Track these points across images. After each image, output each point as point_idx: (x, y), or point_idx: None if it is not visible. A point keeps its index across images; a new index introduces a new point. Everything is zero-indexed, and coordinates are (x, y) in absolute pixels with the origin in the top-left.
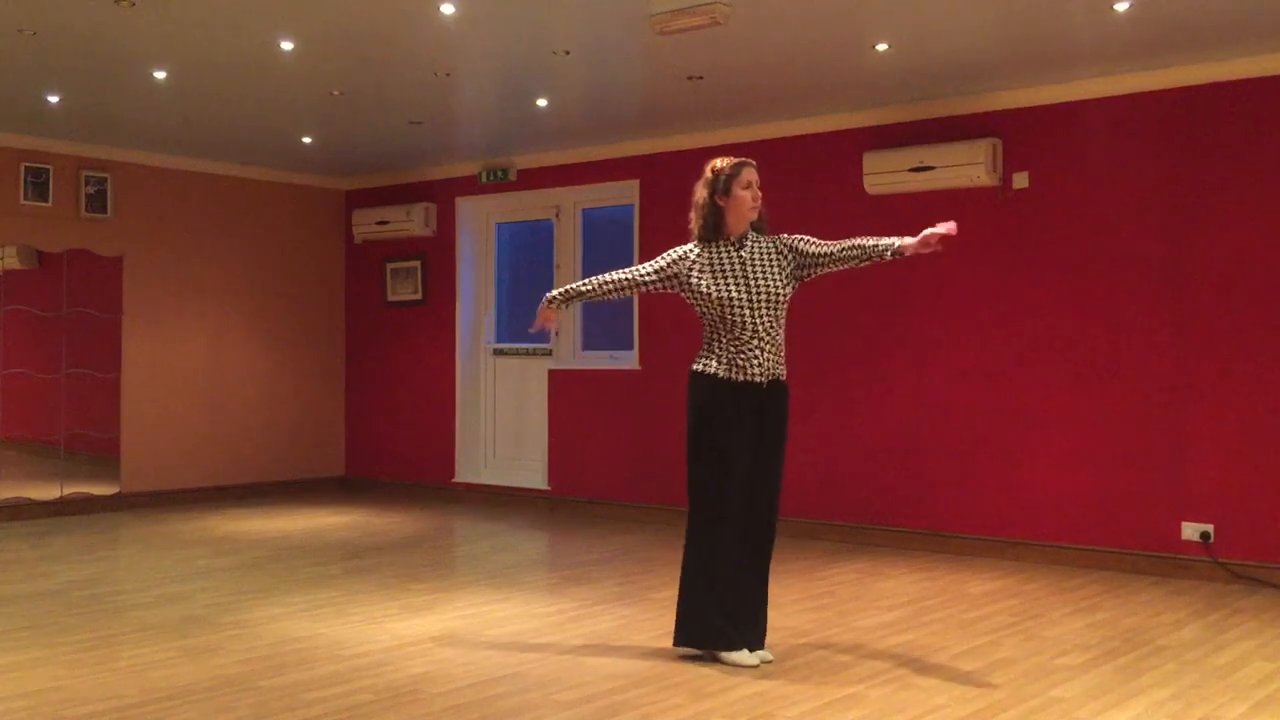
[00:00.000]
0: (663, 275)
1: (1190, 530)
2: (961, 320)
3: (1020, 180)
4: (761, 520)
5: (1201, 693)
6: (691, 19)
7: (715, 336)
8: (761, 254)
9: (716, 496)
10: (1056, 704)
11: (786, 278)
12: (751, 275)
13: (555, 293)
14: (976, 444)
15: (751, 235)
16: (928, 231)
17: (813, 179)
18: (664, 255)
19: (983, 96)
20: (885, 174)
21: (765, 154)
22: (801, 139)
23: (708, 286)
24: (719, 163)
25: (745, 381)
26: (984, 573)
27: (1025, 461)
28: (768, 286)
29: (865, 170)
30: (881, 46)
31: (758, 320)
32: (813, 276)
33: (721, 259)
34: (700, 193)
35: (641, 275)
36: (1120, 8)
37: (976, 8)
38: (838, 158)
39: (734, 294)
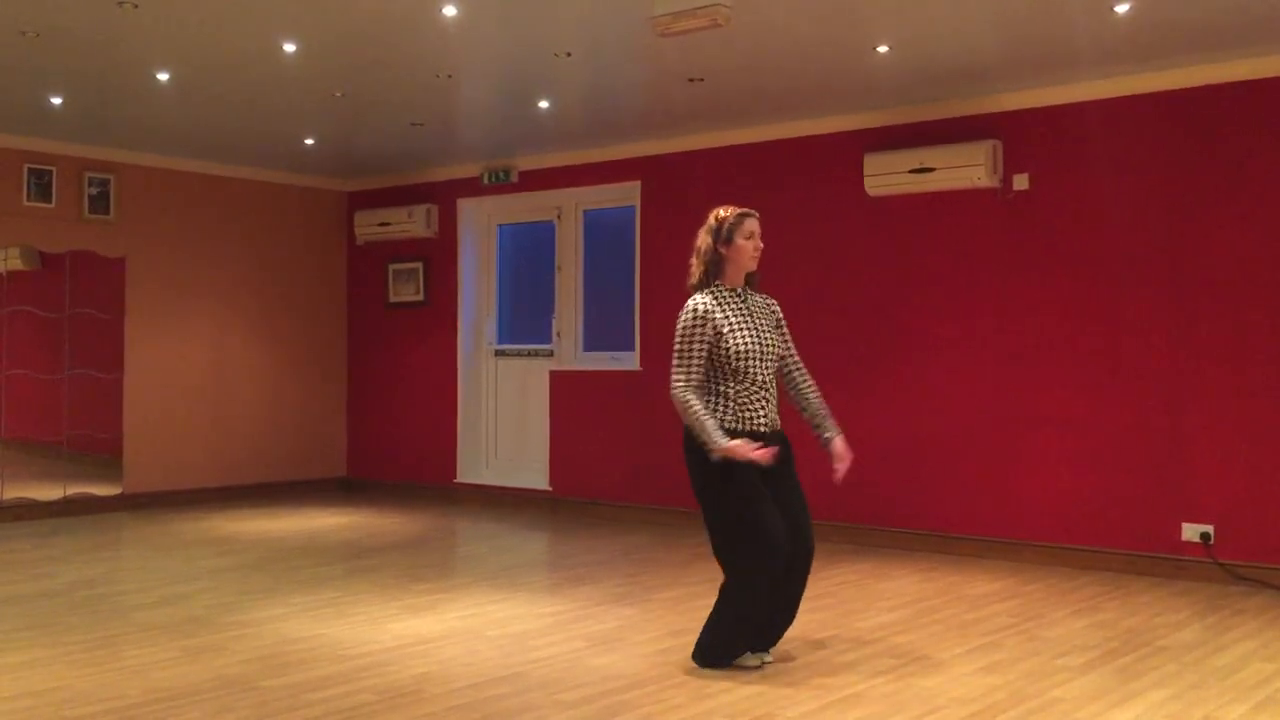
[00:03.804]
0: (704, 355)
1: (1190, 531)
2: (961, 321)
3: (1020, 182)
4: (799, 556)
5: (1202, 694)
6: (693, 21)
7: (721, 387)
8: (760, 308)
9: (762, 533)
10: (1057, 704)
11: (776, 336)
12: (757, 326)
13: (718, 447)
14: (977, 445)
15: (747, 289)
16: (843, 459)
17: (813, 180)
18: (687, 329)
19: (983, 98)
20: (886, 175)
21: (766, 156)
22: (802, 140)
23: (728, 339)
24: (723, 211)
25: (750, 432)
26: (984, 574)
27: (1025, 462)
28: (769, 339)
29: (866, 172)
30: (882, 48)
31: (763, 372)
32: None
33: (730, 309)
34: (704, 240)
35: (696, 372)
36: (1120, 10)
37: (977, 10)
38: (838, 159)
39: (748, 345)
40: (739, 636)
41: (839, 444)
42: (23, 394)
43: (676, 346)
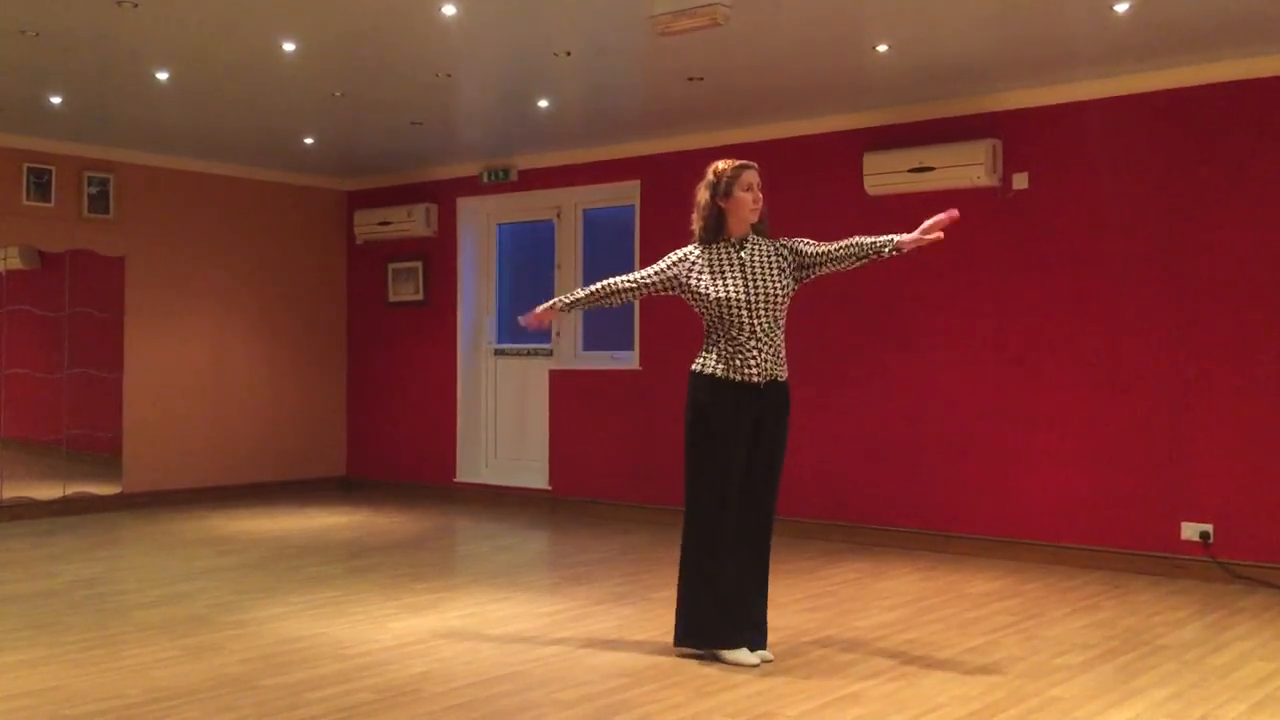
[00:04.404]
0: (663, 277)
1: (1190, 530)
2: (961, 320)
3: (1020, 181)
4: (759, 520)
5: (1201, 692)
6: (692, 20)
7: (715, 337)
8: (762, 255)
9: (714, 495)
10: (1056, 703)
11: (786, 279)
12: (750, 276)
13: (557, 300)
14: (976, 444)
15: (752, 237)
16: (928, 222)
17: (813, 180)
18: (665, 258)
19: (983, 97)
20: (885, 175)
21: (765, 155)
22: (802, 140)
23: (706, 287)
24: (721, 165)
25: (743, 381)
26: (984, 573)
27: (1025, 461)
28: (767, 287)
29: (865, 171)
30: (881, 47)
31: (756, 321)
32: (813, 277)
33: (721, 259)
34: (702, 194)
35: (642, 278)
36: (1120, 9)
37: (976, 8)
38: (838, 158)
39: (732, 294)
40: (706, 604)
41: (907, 237)
42: (22, 393)
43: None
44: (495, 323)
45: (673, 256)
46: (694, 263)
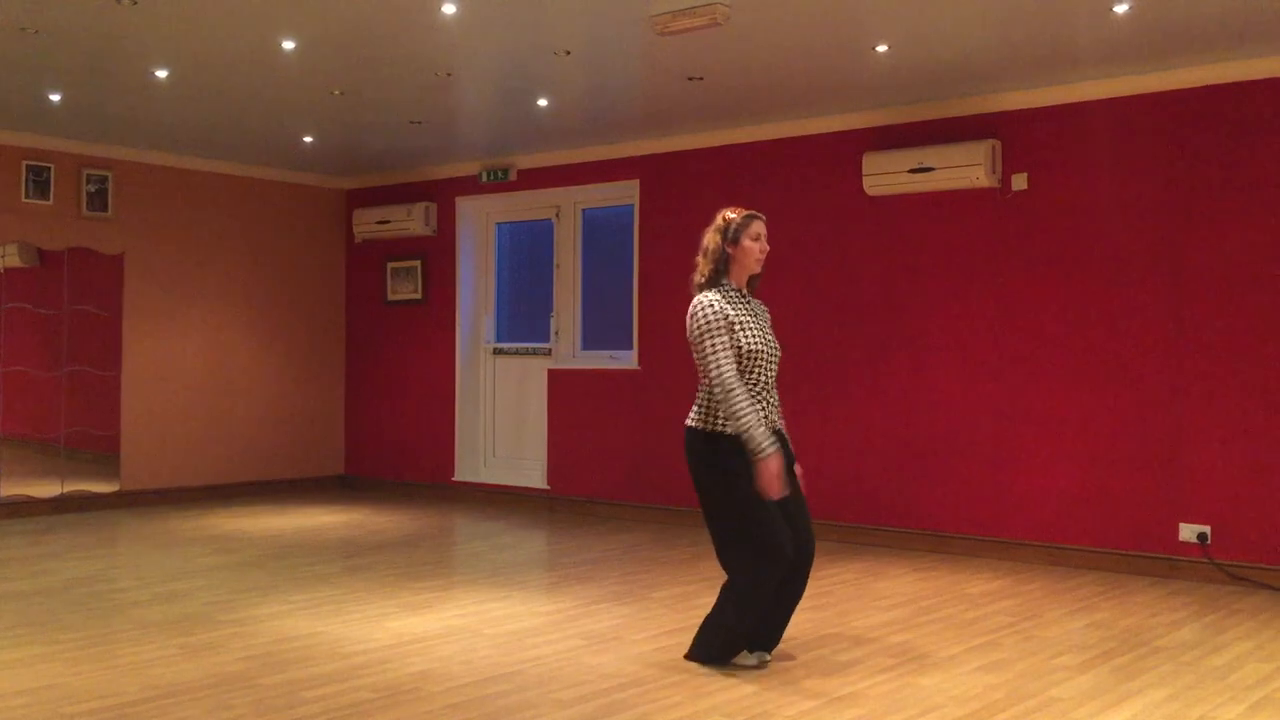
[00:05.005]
0: (732, 345)
1: (1188, 531)
2: (961, 320)
3: (1019, 181)
4: (800, 558)
5: (1198, 694)
6: (692, 20)
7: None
8: (762, 311)
9: (760, 539)
10: (1054, 704)
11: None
12: (762, 328)
13: (762, 444)
14: (975, 444)
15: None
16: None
17: (812, 180)
18: (713, 326)
19: (982, 98)
20: (885, 175)
21: (765, 155)
22: (801, 140)
23: (741, 339)
24: (730, 213)
25: None
26: (982, 573)
27: (1024, 462)
28: (772, 341)
29: (865, 171)
30: (881, 48)
31: (766, 373)
32: None
33: (741, 310)
34: (712, 239)
35: (731, 365)
36: (1119, 10)
37: (976, 9)
38: (837, 159)
39: (759, 346)
40: (740, 636)
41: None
42: (21, 391)
43: (705, 340)
44: (494, 322)
45: (714, 314)
46: (730, 315)
